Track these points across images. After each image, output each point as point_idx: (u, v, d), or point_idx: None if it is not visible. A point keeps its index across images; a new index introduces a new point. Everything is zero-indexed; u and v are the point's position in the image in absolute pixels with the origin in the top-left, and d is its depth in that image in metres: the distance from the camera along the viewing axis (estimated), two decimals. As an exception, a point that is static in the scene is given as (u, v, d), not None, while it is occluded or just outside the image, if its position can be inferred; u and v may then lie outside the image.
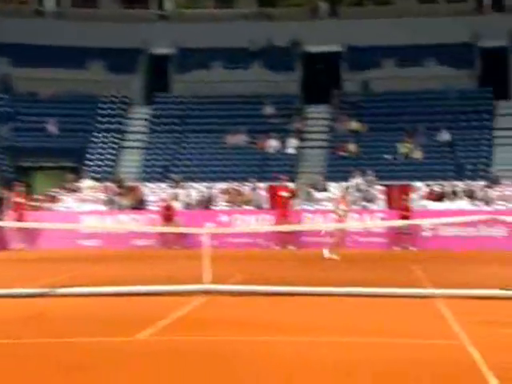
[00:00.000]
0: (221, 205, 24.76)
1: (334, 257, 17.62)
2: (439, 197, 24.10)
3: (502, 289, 11.18)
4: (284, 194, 22.69)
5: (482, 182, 25.69)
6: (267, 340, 8.02)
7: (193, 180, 27.97)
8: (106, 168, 29.43)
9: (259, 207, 24.50)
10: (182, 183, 26.42)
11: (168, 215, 22.88)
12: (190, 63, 32.74)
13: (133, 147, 30.60)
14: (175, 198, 24.73)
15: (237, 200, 24.43)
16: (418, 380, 5.88)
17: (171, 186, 26.58)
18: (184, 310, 10.05)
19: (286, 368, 6.53)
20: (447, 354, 6.79)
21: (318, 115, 31.79)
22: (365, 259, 17.32)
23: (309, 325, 9.10)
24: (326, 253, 17.78)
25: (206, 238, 12.35)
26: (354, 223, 22.05)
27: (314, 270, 14.99)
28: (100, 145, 30.42)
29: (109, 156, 30.09)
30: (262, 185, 26.19)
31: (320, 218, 22.59)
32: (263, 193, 25.76)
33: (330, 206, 24.30)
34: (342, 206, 18.74)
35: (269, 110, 31.41)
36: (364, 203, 23.67)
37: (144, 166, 29.57)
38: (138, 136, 31.12)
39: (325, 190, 25.82)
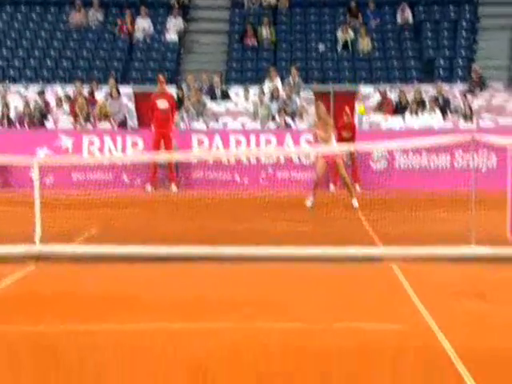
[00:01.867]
0: (61, 120, 24.49)
1: (309, 203, 18.13)
2: (397, 108, 24.67)
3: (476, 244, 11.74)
4: (162, 105, 22.65)
5: (461, 86, 26.41)
6: (115, 329, 8.23)
7: (12, 80, 27.42)
8: None
9: (123, 124, 24.38)
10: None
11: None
12: None
13: None
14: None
15: (87, 113, 24.19)
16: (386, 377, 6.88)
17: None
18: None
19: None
20: (415, 343, 7.83)
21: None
22: (292, 205, 17.81)
23: (202, 302, 9.23)
24: (308, 202, 18.16)
25: (37, 173, 12.40)
26: (270, 150, 22.39)
27: (212, 220, 15.26)
28: None
29: None
30: (126, 89, 26.07)
31: (218, 143, 22.81)
32: (129, 102, 25.63)
33: (233, 123, 24.47)
34: (321, 133, 18.67)
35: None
36: (284, 118, 23.94)
37: None
38: None
39: (225, 97, 25.89)
